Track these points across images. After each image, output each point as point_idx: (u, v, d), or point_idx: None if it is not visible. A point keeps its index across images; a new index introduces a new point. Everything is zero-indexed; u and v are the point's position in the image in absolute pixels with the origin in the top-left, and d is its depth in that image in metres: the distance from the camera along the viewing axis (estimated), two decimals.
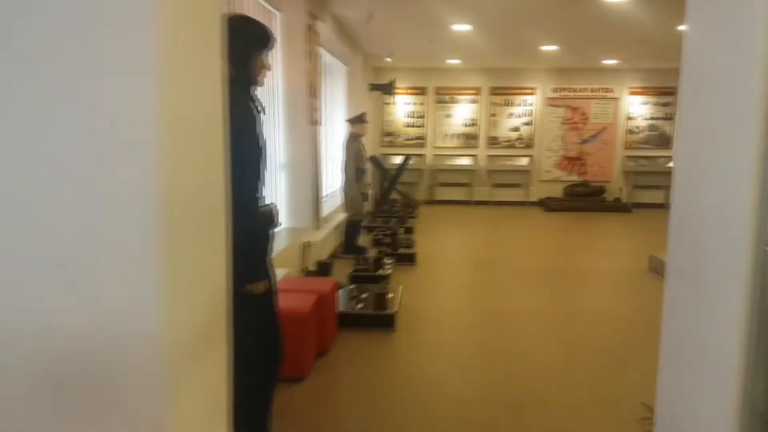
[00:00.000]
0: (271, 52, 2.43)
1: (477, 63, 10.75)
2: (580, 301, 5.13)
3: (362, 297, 4.41)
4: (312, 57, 5.97)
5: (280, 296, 3.49)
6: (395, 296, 4.48)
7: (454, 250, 7.14)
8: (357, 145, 6.49)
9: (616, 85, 11.13)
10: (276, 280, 2.46)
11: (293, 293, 3.53)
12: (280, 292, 3.73)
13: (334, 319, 3.87)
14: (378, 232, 7.50)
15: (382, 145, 11.79)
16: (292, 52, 5.64)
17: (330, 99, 8.57)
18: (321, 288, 3.68)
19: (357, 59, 9.53)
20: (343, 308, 4.13)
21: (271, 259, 2.41)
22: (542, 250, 7.24)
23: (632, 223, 9.49)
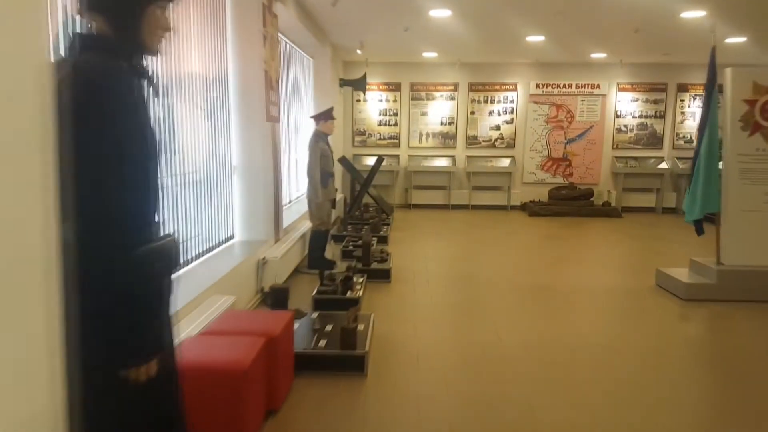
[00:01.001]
0: (171, 4, 1.58)
1: (455, 56, 10.01)
2: (584, 328, 4.37)
3: (326, 330, 3.57)
4: (270, 43, 5.11)
5: (214, 342, 2.64)
6: (366, 328, 3.66)
7: (433, 263, 6.35)
8: (323, 146, 5.64)
9: (603, 81, 10.52)
10: (177, 351, 1.60)
11: (233, 337, 2.67)
12: (215, 334, 2.89)
13: (288, 364, 3.02)
14: (348, 243, 6.67)
15: (354, 146, 10.96)
16: (246, 36, 4.77)
17: (295, 94, 7.71)
18: (271, 326, 2.83)
19: (325, 51, 8.68)
20: (302, 347, 3.29)
21: (170, 318, 1.56)
22: (531, 263, 6.50)
23: (625, 229, 8.85)
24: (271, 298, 3.77)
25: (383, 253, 5.95)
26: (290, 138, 7.23)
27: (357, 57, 10.19)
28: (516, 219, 9.77)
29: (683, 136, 10.64)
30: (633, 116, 10.64)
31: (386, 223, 8.31)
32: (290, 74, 7.41)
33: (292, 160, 7.28)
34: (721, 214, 5.13)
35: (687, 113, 10.59)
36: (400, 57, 10.16)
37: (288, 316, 3.01)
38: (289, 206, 6.68)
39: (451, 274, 5.86)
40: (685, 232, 8.39)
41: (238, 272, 4.04)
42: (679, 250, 7.34)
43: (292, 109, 7.50)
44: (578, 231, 8.74)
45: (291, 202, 6.99)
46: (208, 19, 4.24)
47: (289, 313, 3.06)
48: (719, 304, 4.87)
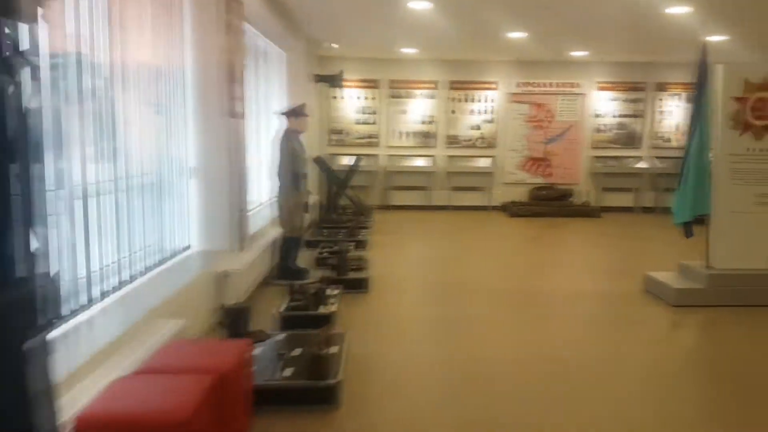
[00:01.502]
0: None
1: (435, 53, 9.67)
2: (576, 339, 4.07)
3: (293, 355, 3.18)
4: (233, 32, 4.67)
5: (149, 384, 2.22)
6: (340, 350, 3.27)
7: (413, 268, 6.01)
8: (294, 144, 5.24)
9: (582, 80, 10.30)
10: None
11: (174, 376, 2.27)
12: (152, 373, 2.44)
13: (244, 403, 2.62)
14: (323, 249, 6.26)
15: (330, 144, 10.54)
16: (205, 22, 4.33)
17: (265, 90, 7.26)
18: (223, 359, 2.43)
19: (298, 45, 8.25)
20: (264, 379, 2.89)
21: (48, 393, 1.15)
22: (515, 267, 6.20)
23: (605, 229, 8.63)
24: (227, 320, 3.35)
25: (361, 260, 5.57)
26: (260, 137, 6.78)
27: (333, 52, 9.77)
28: (497, 220, 9.48)
29: (661, 136, 10.49)
30: (612, 116, 10.44)
31: (364, 226, 7.93)
32: (260, 68, 6.97)
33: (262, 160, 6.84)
34: (711, 216, 4.88)
35: (665, 112, 10.44)
36: (378, 53, 9.78)
37: (244, 345, 2.61)
38: (257, 211, 6.25)
39: (433, 282, 5.51)
40: (666, 232, 8.19)
41: (191, 289, 3.62)
42: (663, 251, 7.13)
43: (262, 106, 7.06)
44: (559, 232, 8.49)
45: (260, 205, 6.55)
46: (161, 2, 3.80)
47: (245, 342, 2.66)
48: (711, 310, 4.67)
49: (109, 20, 3.00)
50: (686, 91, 10.36)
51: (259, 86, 6.91)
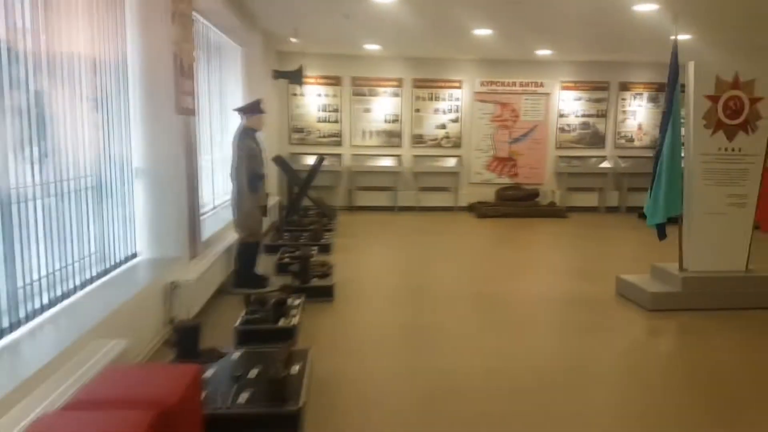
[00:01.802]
0: None
1: (399, 50, 9.44)
2: (549, 346, 3.90)
3: (250, 377, 2.86)
4: (181, 22, 4.30)
5: (78, 423, 1.88)
6: (303, 369, 2.98)
7: (380, 273, 5.74)
8: (251, 143, 4.90)
9: (547, 79, 10.25)
10: None
11: (108, 412, 1.93)
12: (83, 408, 2.04)
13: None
14: (284, 254, 5.93)
15: (291, 143, 10.18)
16: (149, 10, 3.96)
17: (219, 86, 6.88)
18: (167, 389, 2.10)
19: (255, 39, 7.88)
20: (216, 405, 2.57)
21: None
22: (484, 271, 6.01)
23: (572, 230, 8.57)
24: (176, 338, 3.01)
25: (325, 266, 5.26)
26: (213, 134, 6.40)
27: (293, 47, 9.42)
28: (464, 221, 9.32)
29: (624, 135, 10.56)
30: (576, 115, 10.44)
31: (328, 228, 7.62)
32: (213, 63, 6.58)
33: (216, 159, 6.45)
34: (684, 217, 4.79)
35: (628, 112, 10.51)
36: (340, 48, 9.48)
37: (193, 371, 2.29)
38: (213, 214, 5.87)
39: (401, 288, 5.26)
40: (633, 232, 8.24)
41: (136, 303, 3.25)
42: (633, 252, 7.11)
43: (217, 103, 6.68)
44: (527, 233, 8.39)
45: (215, 208, 6.16)
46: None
47: (194, 367, 2.33)
48: (686, 314, 4.56)
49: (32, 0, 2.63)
50: (649, 91, 10.47)
51: (212, 82, 6.52)
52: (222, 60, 7.10)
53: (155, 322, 3.68)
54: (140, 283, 3.58)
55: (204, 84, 5.89)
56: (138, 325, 3.33)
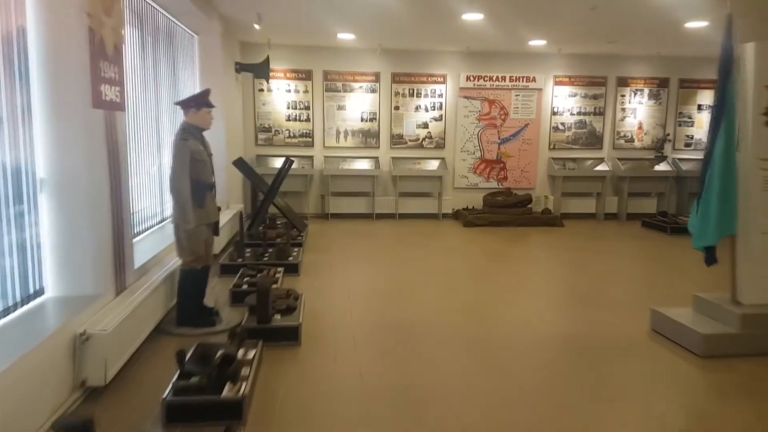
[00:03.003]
0: None
1: (376, 40, 8.44)
2: (580, 420, 2.94)
3: None
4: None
5: None
6: None
7: (358, 304, 4.73)
8: (194, 145, 3.84)
9: (539, 73, 9.39)
10: None
11: None
12: None
13: None
14: (243, 278, 4.87)
15: (257, 144, 9.09)
16: None
17: (169, 79, 5.79)
18: None
19: (212, 26, 6.80)
20: None
21: None
22: (479, 298, 5.03)
23: (571, 241, 7.69)
24: None
25: (290, 296, 4.22)
26: (164, 136, 5.31)
27: (257, 37, 8.35)
28: (450, 230, 8.38)
29: (624, 135, 9.77)
30: (570, 113, 9.61)
31: (298, 242, 6.58)
32: (163, 51, 5.49)
33: (168, 164, 5.36)
34: (738, 237, 3.87)
35: (628, 110, 9.72)
36: (310, 38, 8.44)
37: None
38: (158, 228, 4.78)
39: (382, 325, 4.24)
40: (643, 245, 7.37)
41: (28, 365, 2.19)
42: (649, 270, 6.23)
43: (167, 98, 5.58)
44: (523, 246, 7.47)
45: (163, 221, 5.07)
46: None
47: None
48: (750, 363, 3.55)
49: None
50: (650, 86, 9.70)
51: (162, 74, 5.43)
52: (174, 49, 6.02)
53: (56, 389, 2.62)
54: (39, 335, 2.52)
55: (149, 75, 4.81)
56: (29, 396, 2.27)
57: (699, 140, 9.94)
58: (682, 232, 8.11)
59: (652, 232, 8.44)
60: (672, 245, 7.46)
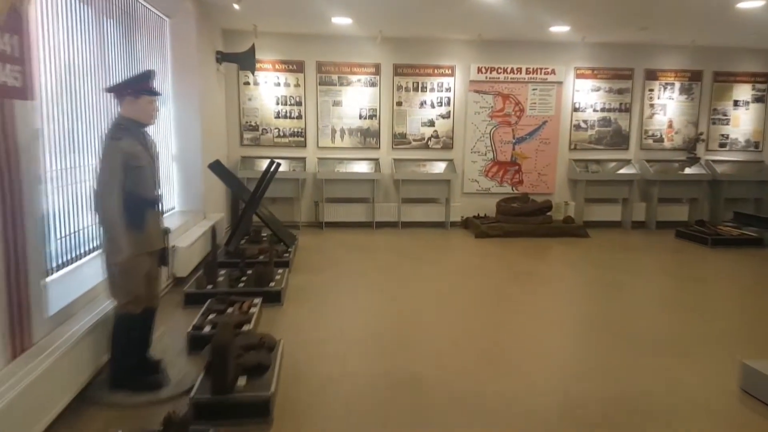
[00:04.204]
0: None
1: (375, 25, 7.43)
2: None
3: None
4: None
5: None
6: None
7: (351, 348, 3.73)
8: (130, 146, 2.82)
9: (559, 65, 8.38)
10: None
11: None
12: None
13: None
14: (210, 313, 3.87)
15: (243, 145, 8.09)
16: None
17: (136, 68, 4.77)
18: None
19: (186, 7, 5.82)
20: None
21: None
22: (502, 339, 4.02)
23: (604, 256, 6.69)
24: None
25: (263, 345, 3.21)
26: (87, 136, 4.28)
27: (242, 23, 7.34)
28: (460, 242, 7.38)
29: (652, 134, 8.76)
30: (593, 109, 8.60)
31: (284, 260, 5.58)
32: (119, 35, 4.47)
33: None
34: None
35: (657, 106, 8.71)
36: (301, 24, 7.43)
37: None
38: (87, 261, 3.76)
39: (385, 382, 3.23)
40: (689, 259, 6.27)
41: None
42: (715, 296, 5.18)
43: None
44: (546, 262, 6.46)
45: (93, 252, 4.01)
46: None
47: None
48: None
49: None
50: (681, 80, 8.69)
51: (115, 61, 4.41)
52: (138, 33, 5.01)
53: None
54: None
55: (98, 62, 3.78)
56: None
57: (735, 140, 8.93)
58: (725, 245, 7.12)
59: (689, 243, 7.43)
60: (722, 262, 6.46)
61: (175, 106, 6.18)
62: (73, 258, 3.55)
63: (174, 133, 6.22)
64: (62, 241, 3.40)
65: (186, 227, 5.63)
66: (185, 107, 6.21)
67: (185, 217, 5.95)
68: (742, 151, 8.96)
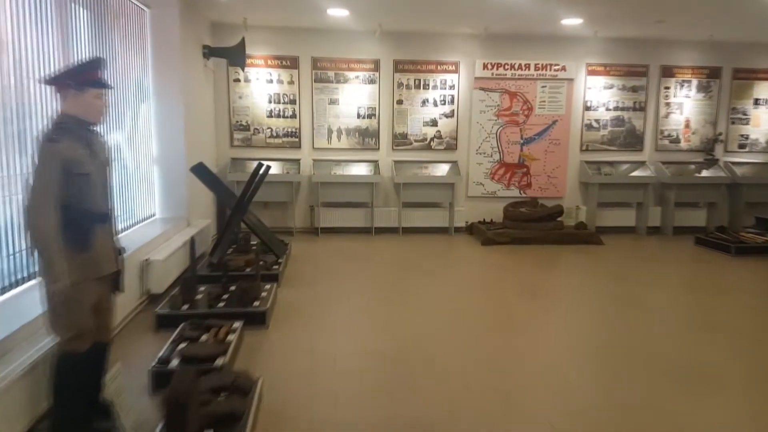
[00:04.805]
0: None
1: (374, 18, 6.94)
2: None
3: None
4: None
5: None
6: None
7: (345, 384, 3.23)
8: (69, 149, 2.32)
9: (570, 61, 7.88)
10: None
11: None
12: None
13: None
14: (180, 343, 3.37)
15: (233, 146, 7.60)
16: None
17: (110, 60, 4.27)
18: None
19: None
20: None
21: None
22: (522, 377, 3.51)
23: (623, 267, 6.18)
24: None
25: (237, 387, 2.71)
26: None
27: (231, 16, 6.85)
28: (465, 250, 6.88)
29: (668, 134, 8.26)
30: (606, 108, 8.10)
31: (273, 272, 5.09)
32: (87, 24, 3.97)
33: None
34: None
35: (673, 104, 8.21)
36: (295, 17, 6.94)
37: None
38: (11, 296, 3.25)
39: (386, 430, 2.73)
40: (715, 269, 5.66)
41: None
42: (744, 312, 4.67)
43: None
44: (561, 274, 5.96)
45: (19, 284, 3.49)
46: None
47: None
48: None
49: None
50: (699, 77, 8.19)
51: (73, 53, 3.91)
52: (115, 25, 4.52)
53: None
54: None
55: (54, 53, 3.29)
56: None
57: (755, 140, 8.43)
58: (750, 253, 6.63)
59: (711, 252, 6.93)
60: (748, 272, 5.96)
61: (156, 105, 5.69)
62: (8, 285, 3.06)
63: (155, 134, 5.73)
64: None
65: (165, 236, 5.13)
66: (167, 105, 5.72)
67: (166, 225, 5.45)
68: (763, 153, 8.45)
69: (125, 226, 4.87)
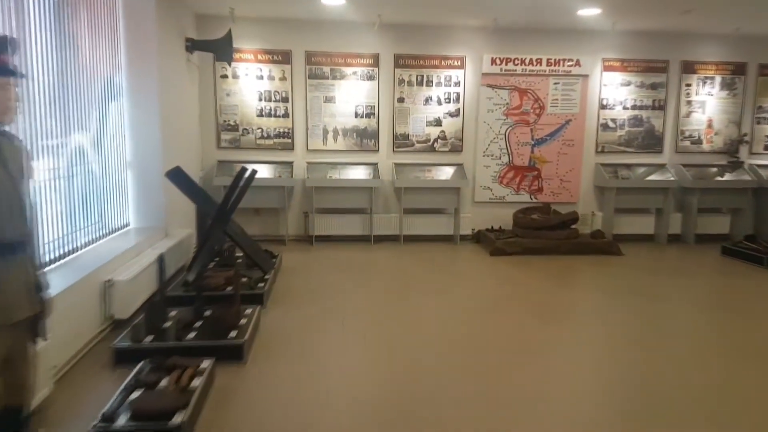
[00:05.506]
0: None
1: (373, 9, 6.36)
2: None
3: None
4: None
5: None
6: None
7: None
8: None
9: (585, 56, 7.30)
10: None
11: None
12: None
13: None
14: (135, 389, 2.79)
15: (220, 147, 7.02)
16: None
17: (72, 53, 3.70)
18: None
19: None
20: None
21: None
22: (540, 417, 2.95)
23: (647, 281, 5.61)
24: None
25: None
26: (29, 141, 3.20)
27: (217, 7, 6.28)
28: (472, 261, 6.31)
29: (690, 135, 7.67)
30: (623, 106, 7.52)
31: (257, 292, 4.51)
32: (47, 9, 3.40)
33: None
34: None
35: (694, 103, 7.62)
36: (286, 7, 6.36)
37: None
38: None
39: None
40: (749, 285, 5.05)
41: None
42: None
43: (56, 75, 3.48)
44: (580, 289, 5.38)
45: None
46: None
47: None
48: None
49: None
50: (722, 74, 7.61)
51: (26, 41, 3.33)
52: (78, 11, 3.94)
53: None
54: None
55: None
56: None
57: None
58: None
59: (740, 263, 6.35)
60: None
61: (129, 103, 5.12)
62: None
63: (128, 136, 5.16)
64: None
65: (137, 250, 4.56)
66: (142, 104, 5.15)
67: (140, 236, 4.88)
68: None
69: (90, 240, 4.30)
